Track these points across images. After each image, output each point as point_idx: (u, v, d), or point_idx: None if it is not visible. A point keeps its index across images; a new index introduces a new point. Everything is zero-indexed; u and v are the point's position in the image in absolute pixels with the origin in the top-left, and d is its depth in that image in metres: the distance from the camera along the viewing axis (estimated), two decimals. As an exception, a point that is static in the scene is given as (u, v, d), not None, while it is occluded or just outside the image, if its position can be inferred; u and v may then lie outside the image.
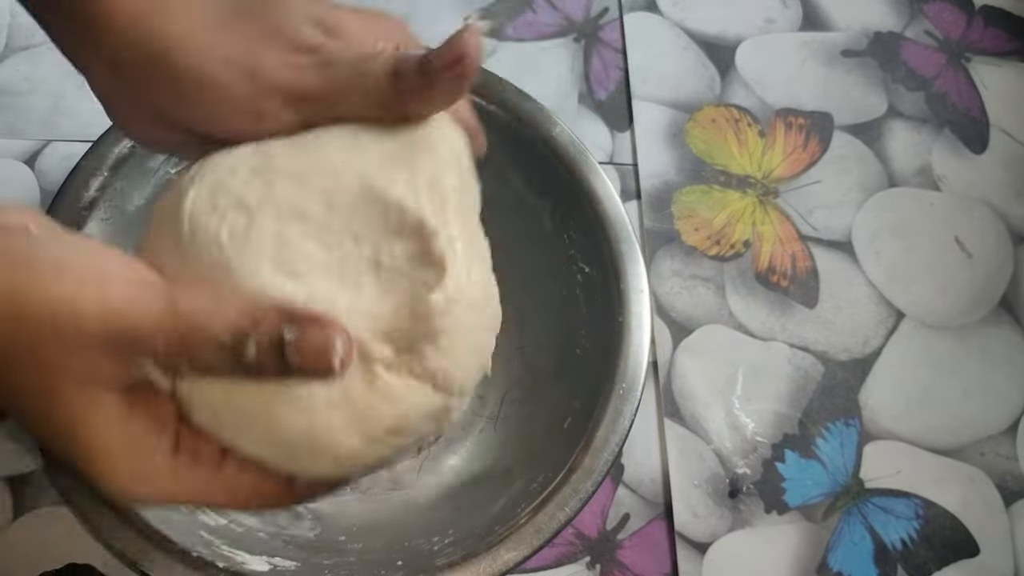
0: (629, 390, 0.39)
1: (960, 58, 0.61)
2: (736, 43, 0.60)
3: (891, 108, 0.59)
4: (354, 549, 0.40)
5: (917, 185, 0.56)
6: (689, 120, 0.57)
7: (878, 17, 0.62)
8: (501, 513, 0.38)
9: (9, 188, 0.51)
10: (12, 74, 0.54)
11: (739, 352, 0.50)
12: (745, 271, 0.53)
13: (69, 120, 0.53)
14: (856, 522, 0.47)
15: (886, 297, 0.53)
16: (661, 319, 0.51)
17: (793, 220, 0.54)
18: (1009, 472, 0.49)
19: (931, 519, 0.47)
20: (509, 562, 0.35)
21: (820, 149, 0.57)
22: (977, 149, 0.58)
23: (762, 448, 0.48)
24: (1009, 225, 0.55)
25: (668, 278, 0.52)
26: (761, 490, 0.47)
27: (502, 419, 0.45)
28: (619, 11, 0.60)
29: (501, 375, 0.46)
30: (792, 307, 0.52)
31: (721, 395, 0.49)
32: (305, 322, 0.25)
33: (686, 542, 0.46)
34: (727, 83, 0.58)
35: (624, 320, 0.40)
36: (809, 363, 0.51)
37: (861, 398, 0.50)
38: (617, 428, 0.38)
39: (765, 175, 0.56)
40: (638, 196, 0.54)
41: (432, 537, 0.39)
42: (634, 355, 0.39)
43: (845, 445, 0.49)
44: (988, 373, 0.51)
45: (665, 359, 0.50)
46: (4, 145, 0.52)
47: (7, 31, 0.56)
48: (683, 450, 0.48)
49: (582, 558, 0.45)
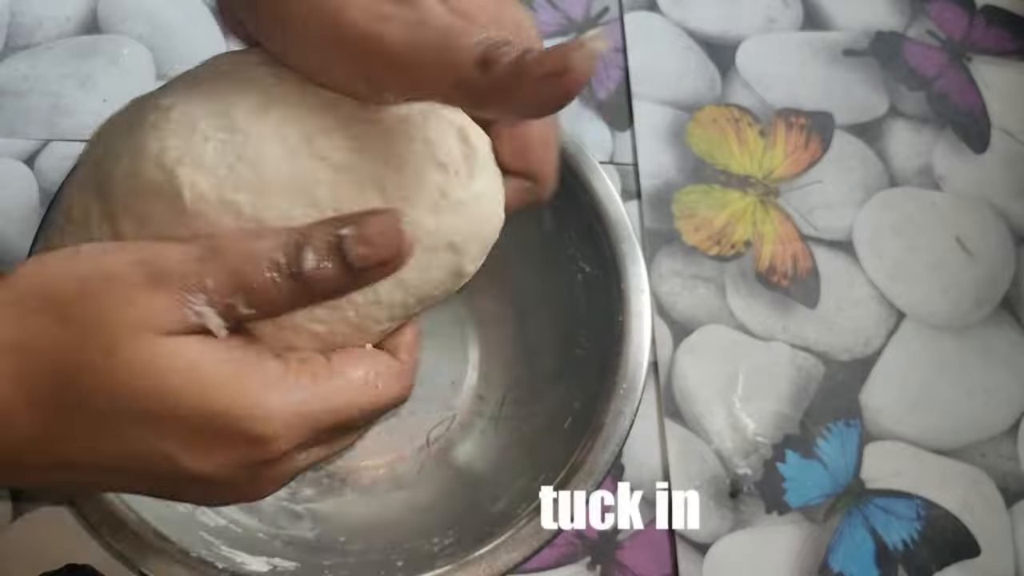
0: (629, 390, 0.39)
1: (962, 58, 0.61)
2: (737, 43, 0.60)
3: (892, 108, 0.59)
4: (354, 549, 0.40)
5: (918, 185, 0.56)
6: (690, 120, 0.57)
7: (879, 17, 0.62)
8: (501, 513, 0.38)
9: (9, 188, 0.51)
10: (12, 74, 0.54)
11: (740, 352, 0.50)
12: (746, 271, 0.53)
13: (69, 120, 0.53)
14: (857, 523, 0.47)
15: (887, 297, 0.53)
16: (662, 319, 0.51)
17: (794, 220, 0.54)
18: (1010, 473, 0.49)
19: (932, 520, 0.47)
20: (509, 562, 0.35)
21: (821, 149, 0.57)
22: (978, 149, 0.58)
23: (763, 448, 0.48)
24: (1011, 225, 0.55)
25: (668, 278, 0.52)
26: (762, 491, 0.47)
27: (502, 419, 0.45)
28: (619, 10, 0.60)
29: (501, 375, 0.46)
30: (793, 307, 0.52)
31: (722, 395, 0.49)
32: (359, 217, 0.24)
33: (686, 542, 0.46)
34: (728, 83, 0.58)
35: (624, 320, 0.40)
36: (810, 363, 0.50)
37: (862, 398, 0.50)
38: (617, 428, 0.38)
39: (766, 175, 0.56)
40: (638, 196, 0.54)
41: (432, 537, 0.39)
42: (634, 355, 0.39)
43: (846, 445, 0.49)
44: (990, 373, 0.51)
45: (666, 359, 0.50)
46: (4, 145, 0.52)
47: (7, 31, 0.56)
48: (684, 450, 0.48)
49: (582, 558, 0.45)
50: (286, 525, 0.41)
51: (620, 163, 0.55)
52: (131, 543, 0.34)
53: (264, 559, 0.37)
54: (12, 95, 0.54)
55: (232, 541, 0.37)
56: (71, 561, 0.42)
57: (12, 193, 0.51)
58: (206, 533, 0.37)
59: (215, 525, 0.38)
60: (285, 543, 0.39)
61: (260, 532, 0.39)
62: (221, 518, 0.38)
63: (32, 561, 0.42)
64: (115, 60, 0.55)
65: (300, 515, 0.42)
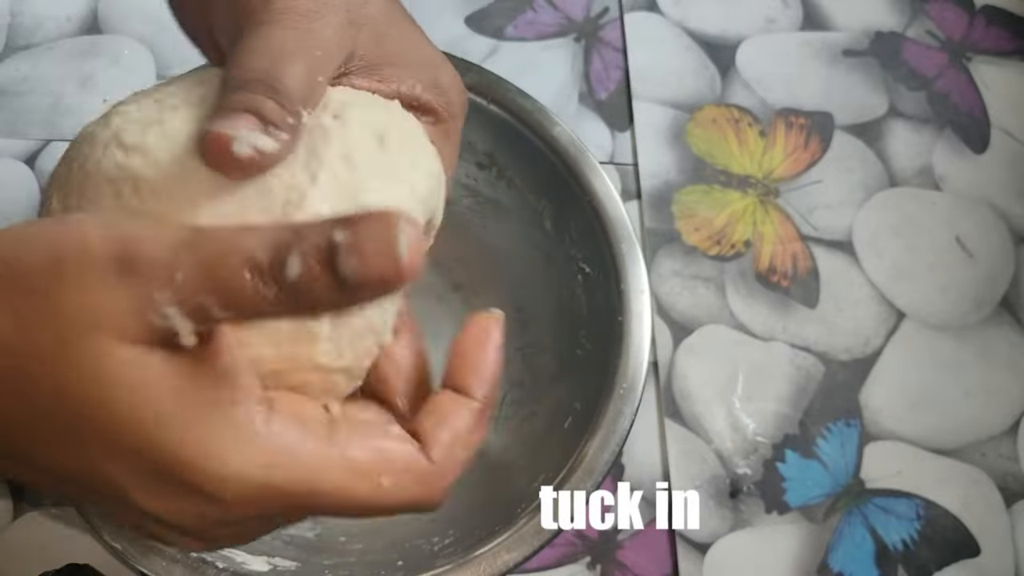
0: (629, 390, 0.39)
1: (961, 58, 0.61)
2: (737, 43, 0.60)
3: (892, 108, 0.59)
4: (354, 549, 0.40)
5: (918, 185, 0.56)
6: (690, 120, 0.57)
7: (879, 17, 0.62)
8: (501, 513, 0.38)
9: (9, 188, 0.51)
10: (12, 74, 0.54)
11: (740, 352, 0.50)
12: (746, 271, 0.53)
13: (69, 120, 0.53)
14: (857, 522, 0.47)
15: (887, 297, 0.53)
16: (661, 319, 0.51)
17: (794, 220, 0.54)
18: (1010, 472, 0.49)
19: (932, 520, 0.47)
20: (509, 562, 0.35)
21: (821, 149, 0.57)
22: (978, 149, 0.58)
23: (763, 448, 0.48)
24: (1010, 225, 0.55)
25: (668, 278, 0.52)
26: (762, 490, 0.47)
27: (502, 419, 0.45)
28: (619, 11, 0.60)
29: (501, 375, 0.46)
30: (793, 307, 0.52)
31: (722, 395, 0.49)
32: (359, 219, 0.19)
33: (687, 542, 0.46)
34: (728, 83, 0.58)
35: (624, 320, 0.40)
36: (810, 363, 0.51)
37: (862, 398, 0.50)
38: (617, 428, 0.38)
39: (766, 175, 0.56)
40: (638, 196, 0.54)
41: (432, 537, 0.39)
42: (634, 355, 0.39)
43: (846, 445, 0.49)
44: (989, 373, 0.51)
45: (666, 359, 0.50)
46: (4, 145, 0.52)
47: (7, 31, 0.56)
48: (684, 450, 0.48)
49: (582, 558, 0.45)
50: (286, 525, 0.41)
51: (620, 163, 0.55)
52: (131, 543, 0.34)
53: (264, 559, 0.37)
54: (12, 95, 0.54)
55: (232, 541, 0.37)
56: (71, 561, 0.42)
57: (12, 193, 0.51)
58: (206, 533, 0.37)
59: (215, 525, 0.38)
60: (285, 543, 0.39)
61: (260, 532, 0.39)
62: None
63: (32, 561, 0.42)
64: (115, 60, 0.55)
65: (300, 515, 0.42)
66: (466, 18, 0.59)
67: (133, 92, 0.29)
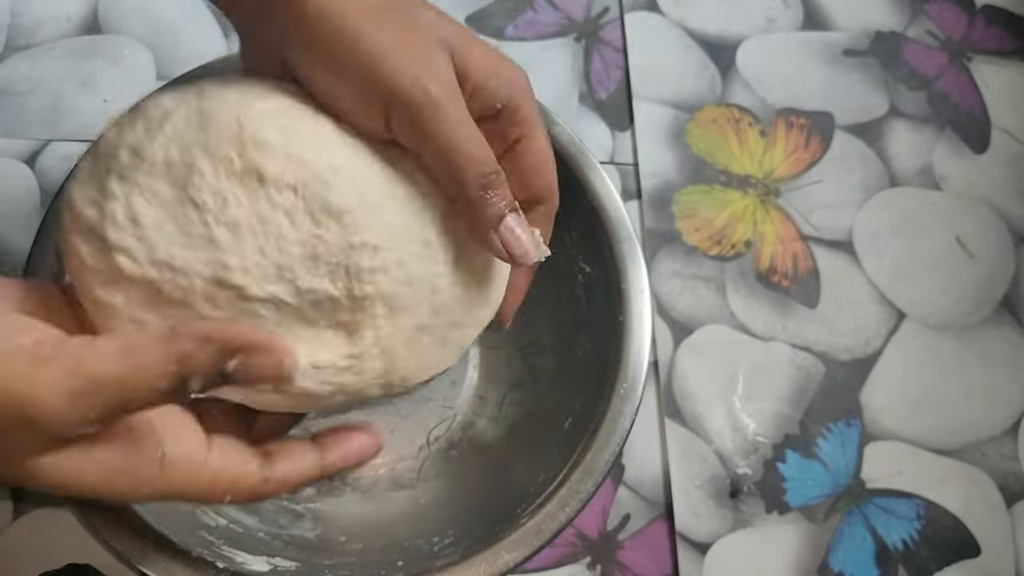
0: (630, 390, 0.39)
1: (962, 58, 0.61)
2: (737, 43, 0.60)
3: (892, 108, 0.59)
4: (354, 549, 0.40)
5: (918, 185, 0.56)
6: (690, 120, 0.57)
7: (879, 17, 0.62)
8: (501, 513, 0.38)
9: (9, 188, 0.51)
10: (12, 74, 0.54)
11: (740, 352, 0.50)
12: (746, 271, 0.53)
13: (69, 120, 0.53)
14: (857, 522, 0.47)
15: (887, 297, 0.53)
16: (662, 319, 0.51)
17: (794, 220, 0.54)
18: (1011, 472, 0.49)
19: (932, 520, 0.47)
20: (509, 562, 0.35)
21: (821, 149, 0.57)
22: (979, 149, 0.58)
23: (763, 448, 0.48)
24: (1011, 225, 0.55)
25: (669, 278, 0.52)
26: (762, 490, 0.47)
27: (502, 419, 0.45)
28: (620, 10, 0.60)
29: (501, 375, 0.46)
30: (793, 307, 0.52)
31: (722, 395, 0.49)
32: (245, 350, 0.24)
33: (687, 542, 0.46)
34: (728, 83, 0.58)
35: (625, 320, 0.40)
36: (810, 363, 0.51)
37: (862, 398, 0.50)
38: (617, 428, 0.38)
39: (766, 175, 0.56)
40: (639, 196, 0.54)
41: (432, 537, 0.39)
42: (635, 355, 0.39)
43: (846, 445, 0.49)
44: (990, 373, 0.51)
45: (666, 359, 0.50)
46: (4, 145, 0.52)
47: (7, 31, 0.56)
48: (684, 450, 0.48)
49: (583, 558, 0.45)
50: (286, 525, 0.41)
51: (620, 163, 0.55)
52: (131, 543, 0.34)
53: (264, 559, 0.37)
54: (12, 95, 0.54)
55: (232, 541, 0.37)
56: (72, 561, 0.42)
57: (12, 193, 0.51)
58: (206, 533, 0.37)
59: (215, 525, 0.38)
60: (285, 543, 0.39)
61: (260, 532, 0.39)
62: (222, 518, 0.38)
63: (33, 561, 0.42)
64: (116, 60, 0.55)
65: (300, 515, 0.42)
66: (466, 18, 0.59)
67: None
